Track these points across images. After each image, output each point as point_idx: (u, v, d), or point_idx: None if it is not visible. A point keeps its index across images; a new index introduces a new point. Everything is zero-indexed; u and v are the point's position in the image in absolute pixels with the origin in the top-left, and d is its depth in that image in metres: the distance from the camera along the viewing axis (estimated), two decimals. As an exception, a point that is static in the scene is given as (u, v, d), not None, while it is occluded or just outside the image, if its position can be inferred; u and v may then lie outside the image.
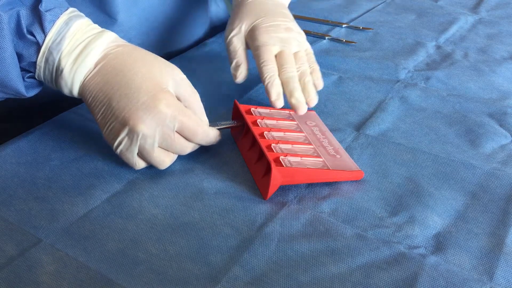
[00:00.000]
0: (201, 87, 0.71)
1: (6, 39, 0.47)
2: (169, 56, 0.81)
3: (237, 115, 0.59)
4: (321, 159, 0.53)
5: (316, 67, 0.66)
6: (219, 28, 0.92)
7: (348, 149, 0.58)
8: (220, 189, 0.51)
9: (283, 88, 0.61)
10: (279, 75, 0.62)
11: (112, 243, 0.45)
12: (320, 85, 0.66)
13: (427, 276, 0.42)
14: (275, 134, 0.56)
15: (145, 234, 0.46)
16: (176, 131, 0.51)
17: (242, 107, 0.59)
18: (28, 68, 0.52)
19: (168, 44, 0.81)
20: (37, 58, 0.50)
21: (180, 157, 0.56)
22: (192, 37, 0.86)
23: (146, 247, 0.44)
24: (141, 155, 0.51)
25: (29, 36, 0.49)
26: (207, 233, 0.46)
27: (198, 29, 0.87)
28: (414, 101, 0.69)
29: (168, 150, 0.52)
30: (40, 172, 0.53)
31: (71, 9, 0.52)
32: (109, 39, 0.52)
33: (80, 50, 0.51)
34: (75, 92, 0.52)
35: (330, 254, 0.44)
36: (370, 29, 0.92)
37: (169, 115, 0.49)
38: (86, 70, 0.51)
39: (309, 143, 0.56)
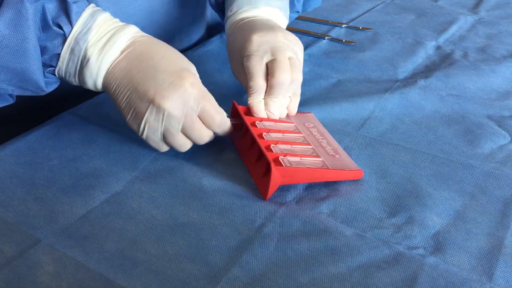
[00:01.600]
0: (201, 87, 0.71)
1: (30, 30, 0.47)
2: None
3: (235, 116, 0.59)
4: (320, 159, 0.53)
5: (298, 92, 0.62)
6: (215, 31, 0.92)
7: (346, 149, 0.58)
8: (219, 189, 0.51)
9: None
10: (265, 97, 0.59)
11: (111, 244, 0.45)
12: (293, 111, 0.62)
13: (426, 276, 0.42)
14: (273, 135, 0.56)
15: (144, 235, 0.46)
16: (198, 116, 0.52)
17: (241, 108, 0.59)
18: (50, 62, 0.52)
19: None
20: (62, 49, 0.51)
21: (180, 158, 0.56)
22: (189, 40, 0.86)
23: (145, 248, 0.44)
24: (164, 138, 0.52)
25: (55, 28, 0.49)
26: (206, 233, 0.46)
27: (195, 32, 0.87)
28: (413, 101, 0.69)
29: (187, 136, 0.53)
30: (39, 173, 0.53)
31: (92, 4, 0.53)
32: (133, 30, 0.54)
33: (106, 39, 0.51)
34: (100, 81, 0.52)
35: (330, 254, 0.44)
36: (370, 29, 0.93)
37: (194, 95, 0.51)
38: (112, 57, 0.51)
39: (308, 144, 0.56)
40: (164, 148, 0.54)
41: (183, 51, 0.84)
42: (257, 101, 0.59)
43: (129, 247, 0.44)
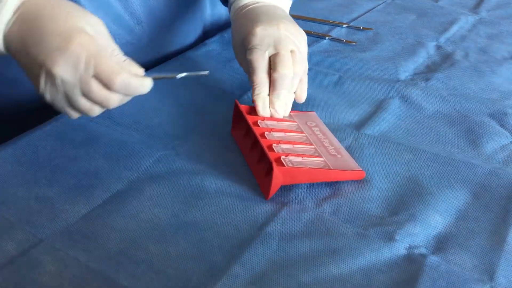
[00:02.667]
0: (201, 87, 0.71)
1: None
2: (166, 57, 0.82)
3: (238, 116, 0.59)
4: (322, 159, 0.53)
5: (305, 80, 0.62)
6: (213, 32, 0.92)
7: (348, 149, 0.58)
8: (221, 189, 0.51)
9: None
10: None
11: (113, 243, 0.45)
12: (303, 98, 0.62)
13: (428, 276, 0.42)
14: (276, 134, 0.56)
15: (146, 234, 0.46)
16: (94, 77, 0.47)
17: (243, 108, 0.59)
18: None
19: (161, 46, 0.81)
20: None
21: (180, 157, 0.56)
22: (186, 40, 0.86)
23: (147, 247, 0.44)
24: (70, 103, 0.49)
25: None
26: (208, 233, 0.46)
27: (192, 32, 0.87)
28: (415, 101, 0.69)
29: (90, 101, 0.49)
30: (40, 172, 0.53)
31: None
32: None
33: None
34: (1, 46, 0.49)
35: (331, 254, 0.44)
36: (371, 29, 0.93)
37: (83, 56, 0.46)
38: (5, 20, 0.48)
39: (310, 143, 0.56)
40: (73, 114, 0.50)
41: (182, 50, 0.84)
42: (261, 96, 0.59)
43: (130, 247, 0.44)
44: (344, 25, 0.94)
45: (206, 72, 0.57)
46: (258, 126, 0.57)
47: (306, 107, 0.66)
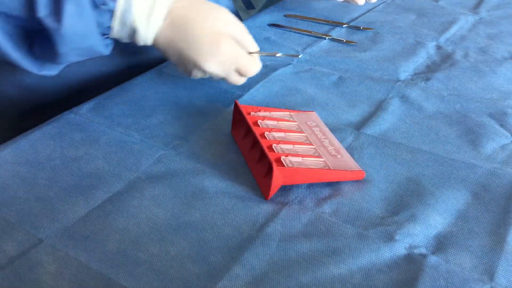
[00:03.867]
0: (201, 87, 0.71)
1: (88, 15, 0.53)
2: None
3: (238, 116, 0.59)
4: (322, 159, 0.53)
5: None
6: None
7: (348, 149, 0.58)
8: (221, 189, 0.51)
9: None
10: None
11: (113, 243, 0.45)
12: None
13: (428, 276, 0.42)
14: (276, 134, 0.56)
15: (146, 234, 0.46)
16: (234, 70, 0.62)
17: (243, 108, 0.59)
18: (104, 31, 0.57)
19: None
20: (111, 23, 0.57)
21: (180, 157, 0.56)
22: None
23: (147, 247, 0.44)
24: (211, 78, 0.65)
25: (102, 7, 0.55)
26: (208, 233, 0.46)
27: None
28: (415, 101, 0.69)
29: (228, 82, 0.65)
30: (40, 172, 0.53)
31: None
32: None
33: (148, 10, 0.57)
34: (150, 43, 0.60)
35: (331, 254, 0.44)
36: (371, 29, 0.93)
37: (228, 56, 0.60)
38: (156, 28, 0.59)
39: (310, 143, 0.56)
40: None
41: None
42: None
43: (130, 247, 0.44)
44: (344, 25, 0.94)
45: (299, 55, 0.74)
46: (258, 126, 0.57)
47: (306, 107, 0.66)
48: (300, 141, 0.57)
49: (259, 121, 0.58)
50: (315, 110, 0.65)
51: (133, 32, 0.58)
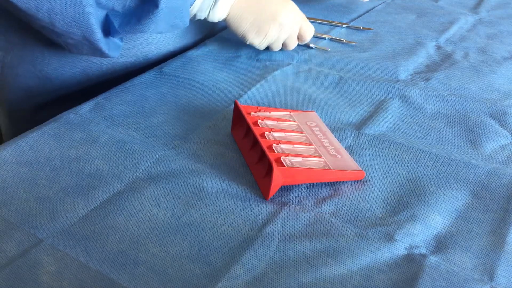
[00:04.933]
0: (201, 87, 0.71)
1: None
2: (185, 48, 0.83)
3: (238, 116, 0.59)
4: (322, 159, 0.53)
5: None
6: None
7: (348, 149, 0.58)
8: (221, 189, 0.51)
9: None
10: None
11: (113, 243, 0.45)
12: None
13: (428, 276, 0.42)
14: (275, 134, 0.56)
15: (146, 234, 0.46)
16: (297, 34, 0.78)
17: (243, 108, 0.59)
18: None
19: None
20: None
21: (180, 157, 0.56)
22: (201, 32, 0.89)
23: (147, 247, 0.44)
24: (271, 45, 0.79)
25: None
26: (208, 234, 0.46)
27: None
28: (415, 101, 0.69)
29: (285, 45, 0.80)
30: (40, 172, 0.53)
31: None
32: None
33: None
34: (225, 14, 0.72)
35: (331, 254, 0.44)
36: (370, 29, 0.92)
37: (298, 15, 0.77)
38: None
39: (310, 143, 0.56)
40: (277, 46, 0.80)
41: (188, 47, 0.84)
42: None
43: (130, 247, 0.44)
44: (344, 25, 0.94)
45: (327, 49, 0.83)
46: (258, 126, 0.57)
47: (306, 107, 0.66)
48: (300, 141, 0.57)
49: (259, 121, 0.58)
50: (315, 110, 0.65)
51: (213, 3, 0.69)
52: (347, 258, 0.44)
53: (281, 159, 0.51)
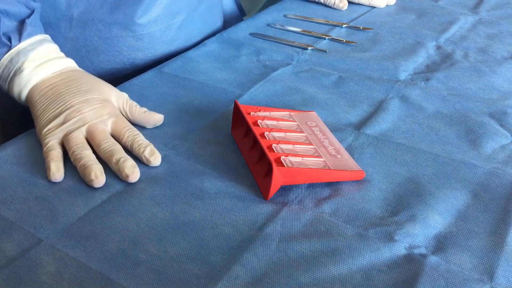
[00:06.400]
0: (201, 87, 0.71)
1: None
2: (172, 54, 0.82)
3: (238, 116, 0.59)
4: (322, 159, 0.53)
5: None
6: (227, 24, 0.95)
7: (348, 149, 0.58)
8: (221, 189, 0.51)
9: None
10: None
11: (113, 243, 0.45)
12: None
13: (428, 276, 0.42)
14: (275, 134, 0.56)
15: (145, 234, 0.46)
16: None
17: (243, 108, 0.59)
18: None
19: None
20: (2, 57, 0.59)
21: (180, 157, 0.56)
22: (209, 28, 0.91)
23: (147, 247, 0.44)
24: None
25: (3, 39, 0.58)
26: (207, 233, 0.46)
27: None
28: (415, 101, 0.69)
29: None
30: (40, 172, 0.53)
31: (47, 35, 0.63)
32: (71, 63, 0.62)
33: (44, 61, 0.59)
34: (27, 90, 0.59)
35: (331, 254, 0.44)
36: (370, 29, 0.92)
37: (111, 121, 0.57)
38: (44, 75, 0.59)
39: (310, 143, 0.56)
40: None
41: (194, 44, 0.85)
42: None
43: (130, 247, 0.44)
44: (344, 25, 0.94)
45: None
46: (258, 126, 0.57)
47: (306, 107, 0.66)
48: (300, 141, 0.57)
49: (259, 121, 0.58)
50: (315, 110, 0.65)
51: (16, 72, 0.59)
52: (347, 258, 0.44)
53: (281, 159, 0.51)
